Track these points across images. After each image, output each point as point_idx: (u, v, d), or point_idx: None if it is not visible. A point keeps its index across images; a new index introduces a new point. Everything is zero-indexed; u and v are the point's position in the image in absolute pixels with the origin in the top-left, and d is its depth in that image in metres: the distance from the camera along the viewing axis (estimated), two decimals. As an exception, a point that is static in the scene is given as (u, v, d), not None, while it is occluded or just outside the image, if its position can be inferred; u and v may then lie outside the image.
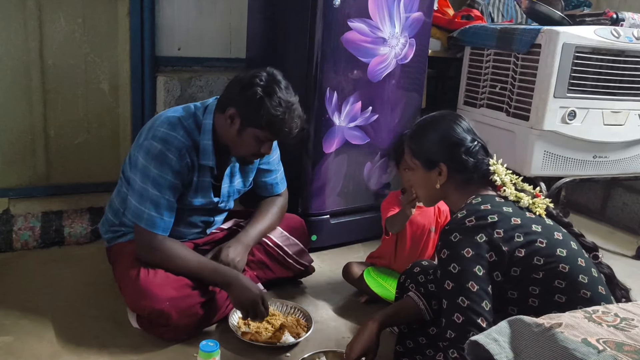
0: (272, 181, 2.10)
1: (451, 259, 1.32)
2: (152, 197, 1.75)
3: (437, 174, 1.50)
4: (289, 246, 2.10)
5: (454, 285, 1.31)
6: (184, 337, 1.77)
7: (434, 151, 1.51)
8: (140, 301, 1.72)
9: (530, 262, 1.31)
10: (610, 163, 2.59)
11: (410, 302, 1.67)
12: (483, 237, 1.32)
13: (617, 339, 0.89)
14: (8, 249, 2.33)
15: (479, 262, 1.30)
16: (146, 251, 1.78)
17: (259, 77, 1.73)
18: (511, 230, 1.33)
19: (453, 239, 1.33)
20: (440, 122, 1.53)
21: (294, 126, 1.77)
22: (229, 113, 1.76)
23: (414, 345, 1.70)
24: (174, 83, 2.64)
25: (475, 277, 1.29)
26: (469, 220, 1.35)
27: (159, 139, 1.75)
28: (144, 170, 1.75)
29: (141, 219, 1.76)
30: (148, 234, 1.76)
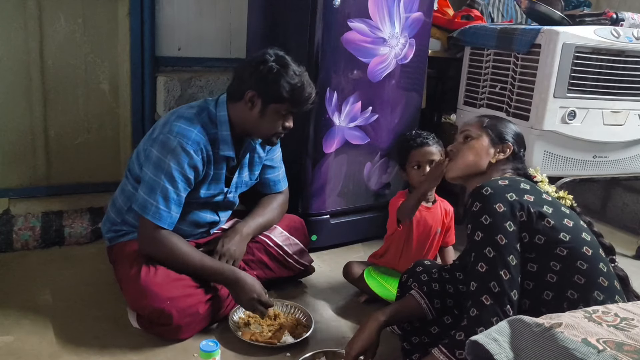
0: (274, 178, 2.11)
1: (483, 211, 1.36)
2: (162, 190, 1.74)
3: (497, 150, 1.57)
4: (289, 246, 2.10)
5: (483, 236, 1.35)
6: (185, 337, 1.77)
7: (507, 132, 1.60)
8: (141, 300, 1.72)
9: (556, 237, 1.35)
10: (610, 163, 2.59)
11: (412, 300, 1.67)
12: (514, 196, 1.37)
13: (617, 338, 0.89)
14: (8, 249, 2.33)
15: (509, 217, 1.34)
16: (149, 244, 1.78)
17: (268, 55, 1.79)
18: (541, 201, 1.39)
19: (485, 193, 1.38)
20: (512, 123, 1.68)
21: (312, 92, 1.83)
22: (249, 96, 1.79)
23: (419, 341, 1.70)
24: (174, 83, 2.64)
25: (505, 231, 1.34)
26: (502, 182, 1.41)
27: (176, 133, 1.76)
28: (158, 163, 1.75)
29: (148, 210, 1.75)
30: (153, 226, 1.75)
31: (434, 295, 1.66)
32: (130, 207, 1.91)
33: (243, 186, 2.04)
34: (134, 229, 1.93)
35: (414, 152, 2.13)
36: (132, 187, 1.91)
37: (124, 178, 1.97)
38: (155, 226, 1.75)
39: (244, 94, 1.80)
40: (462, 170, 1.61)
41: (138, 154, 1.89)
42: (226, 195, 1.97)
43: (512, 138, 1.60)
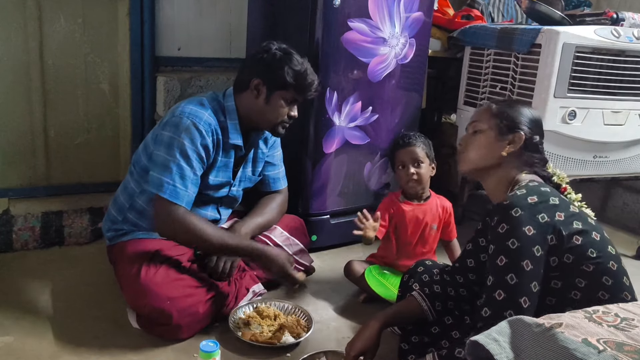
0: (274, 176, 2.12)
1: (510, 234, 1.28)
2: (178, 168, 1.73)
3: (508, 141, 1.46)
4: (289, 246, 2.11)
5: (507, 262, 1.27)
6: (184, 337, 1.77)
7: (519, 119, 1.48)
8: (141, 300, 1.72)
9: (585, 252, 1.28)
10: (610, 163, 2.59)
11: (413, 302, 1.67)
12: (545, 217, 1.28)
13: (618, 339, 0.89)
14: (8, 249, 2.33)
15: (539, 242, 1.27)
16: (168, 224, 1.75)
17: (271, 44, 1.86)
18: (570, 217, 1.31)
19: (514, 214, 1.28)
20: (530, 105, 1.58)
21: (315, 79, 1.88)
22: (254, 84, 1.83)
23: (419, 341, 1.70)
24: (174, 83, 2.64)
25: (533, 257, 1.26)
26: (531, 198, 1.31)
27: (187, 114, 1.77)
28: (171, 142, 1.75)
29: (164, 189, 1.72)
30: (170, 205, 1.73)
31: (436, 297, 1.66)
32: (132, 205, 1.91)
33: (246, 181, 2.04)
34: (134, 228, 1.93)
35: (399, 152, 2.16)
36: (135, 183, 1.91)
37: (128, 175, 1.97)
38: (172, 205, 1.73)
39: (249, 82, 1.84)
40: (471, 165, 1.55)
41: (146, 145, 1.89)
42: (230, 188, 1.97)
43: (525, 125, 1.48)
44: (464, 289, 1.64)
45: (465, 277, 1.62)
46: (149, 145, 1.87)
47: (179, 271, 1.81)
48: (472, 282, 1.64)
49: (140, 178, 1.90)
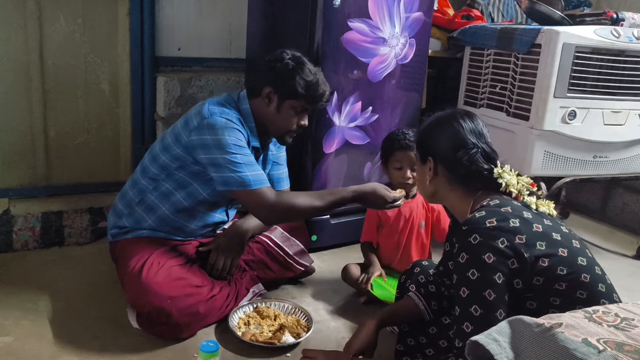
0: (278, 175, 2.12)
1: (470, 264, 1.26)
2: (241, 160, 1.77)
3: (427, 168, 1.47)
4: (290, 247, 2.11)
5: (470, 293, 1.25)
6: (184, 336, 1.78)
7: (427, 144, 1.48)
8: (142, 297, 1.72)
9: (554, 272, 1.25)
10: (610, 163, 2.59)
11: (410, 302, 1.67)
12: (505, 241, 1.24)
13: (618, 339, 0.89)
14: (8, 249, 2.33)
15: (499, 268, 1.23)
16: (271, 210, 1.78)
17: (284, 53, 1.87)
18: (533, 238, 1.27)
19: (472, 241, 1.26)
20: (446, 118, 1.49)
21: (326, 89, 1.89)
22: (266, 92, 1.86)
23: (415, 343, 1.70)
24: (174, 83, 2.64)
25: (494, 285, 1.23)
26: (489, 222, 1.27)
27: (218, 115, 1.80)
28: (219, 143, 1.76)
29: (247, 182, 1.75)
30: (261, 193, 1.76)
31: (431, 297, 1.66)
32: (142, 199, 1.92)
33: None
34: (138, 225, 1.93)
35: (398, 152, 2.12)
36: (149, 179, 1.92)
37: (138, 173, 1.96)
38: (263, 191, 1.76)
39: (261, 89, 1.87)
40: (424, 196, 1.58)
41: (167, 146, 1.88)
42: None
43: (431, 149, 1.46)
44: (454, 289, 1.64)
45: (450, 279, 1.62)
46: (171, 147, 1.86)
47: (180, 271, 1.81)
48: None
49: (158, 175, 1.90)
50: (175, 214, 1.93)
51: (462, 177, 1.42)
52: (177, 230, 1.96)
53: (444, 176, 1.45)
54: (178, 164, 1.86)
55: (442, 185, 1.47)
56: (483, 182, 1.42)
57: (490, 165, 1.42)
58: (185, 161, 1.84)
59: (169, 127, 2.64)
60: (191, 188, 1.89)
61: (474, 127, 1.45)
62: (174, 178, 1.88)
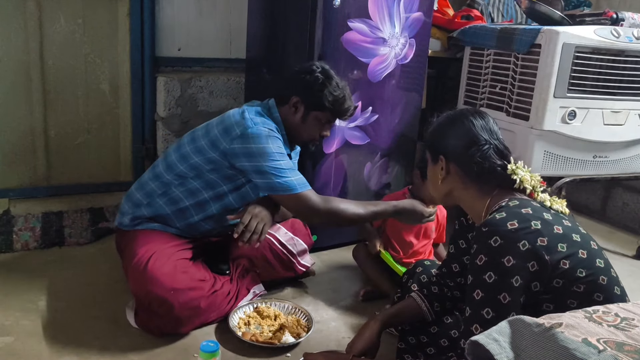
0: None
1: (488, 267, 1.22)
2: (285, 166, 1.84)
3: (440, 168, 1.44)
4: (293, 246, 2.12)
5: (484, 296, 1.23)
6: (183, 331, 1.79)
7: (438, 143, 1.45)
8: (146, 286, 1.73)
9: (574, 274, 1.22)
10: (610, 163, 2.59)
11: (412, 303, 1.67)
12: (526, 244, 1.20)
13: (618, 338, 0.89)
14: (8, 249, 2.33)
15: (518, 272, 1.20)
16: (314, 212, 1.84)
17: (314, 66, 1.95)
18: (554, 240, 1.23)
19: (493, 244, 1.22)
20: (456, 116, 1.46)
21: (352, 104, 1.98)
22: (293, 102, 1.94)
23: (416, 342, 1.71)
24: (174, 83, 2.64)
25: (511, 288, 1.20)
26: (510, 224, 1.23)
27: (260, 124, 1.86)
28: (264, 152, 1.82)
29: (292, 187, 1.82)
30: (307, 196, 1.83)
31: (434, 298, 1.66)
32: (164, 192, 1.93)
33: None
34: (154, 216, 1.94)
35: None
36: (174, 176, 1.92)
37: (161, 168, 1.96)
38: (309, 195, 1.83)
39: (289, 99, 1.94)
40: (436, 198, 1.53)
41: (200, 149, 1.88)
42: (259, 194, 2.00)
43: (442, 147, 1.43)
44: (457, 291, 1.64)
45: (454, 280, 1.63)
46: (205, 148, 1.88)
47: (185, 264, 1.84)
48: (462, 285, 1.64)
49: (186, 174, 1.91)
50: (196, 210, 1.95)
51: (475, 175, 1.39)
52: (190, 227, 1.97)
53: (456, 175, 1.42)
54: (212, 167, 1.89)
55: (456, 185, 1.43)
56: (497, 180, 1.38)
57: (504, 162, 1.39)
58: (221, 165, 1.88)
59: (169, 127, 2.67)
60: (220, 190, 1.93)
61: (485, 124, 1.43)
62: (205, 179, 1.91)
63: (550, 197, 1.38)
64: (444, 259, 1.67)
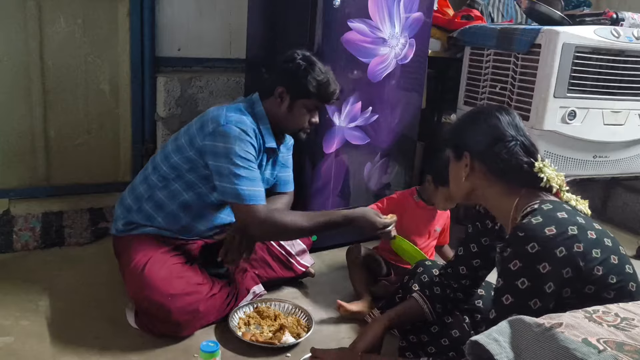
0: (284, 178, 2.13)
1: (523, 273, 1.19)
2: (244, 173, 1.78)
3: (464, 164, 1.39)
4: (292, 246, 2.12)
5: (513, 301, 1.21)
6: (184, 334, 1.78)
7: (462, 139, 1.41)
8: (142, 292, 1.73)
9: (605, 281, 1.20)
10: (610, 163, 2.59)
11: (414, 304, 1.68)
12: (563, 250, 1.18)
13: (618, 338, 0.89)
14: (8, 249, 2.33)
15: (552, 278, 1.18)
16: (257, 226, 1.79)
17: (295, 53, 1.91)
18: (589, 246, 1.21)
19: (530, 250, 1.19)
20: (481, 112, 1.43)
21: (337, 88, 1.93)
22: (278, 92, 1.89)
23: (417, 340, 1.71)
24: (174, 83, 2.64)
25: (542, 294, 1.18)
26: (548, 229, 1.20)
27: (234, 122, 1.81)
28: (228, 151, 1.78)
29: (243, 197, 1.77)
30: (253, 209, 1.78)
31: (436, 299, 1.66)
32: (150, 196, 1.93)
33: (265, 183, 2.04)
34: (145, 221, 1.93)
35: None
36: (159, 177, 1.92)
37: (149, 169, 1.96)
38: (255, 207, 1.78)
39: (273, 89, 1.90)
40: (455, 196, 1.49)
41: (180, 148, 1.89)
42: None
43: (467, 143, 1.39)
44: (460, 293, 1.64)
45: (459, 282, 1.63)
46: (184, 149, 1.87)
47: (182, 269, 1.82)
48: (467, 286, 1.64)
49: (168, 174, 1.90)
50: (183, 213, 1.93)
51: (501, 172, 1.35)
52: (183, 229, 1.96)
53: (481, 172, 1.38)
54: (189, 166, 1.87)
55: (480, 182, 1.39)
56: (523, 177, 1.35)
57: (530, 159, 1.35)
58: (197, 164, 1.86)
59: (169, 127, 2.67)
60: (199, 190, 1.90)
61: (512, 120, 1.38)
62: (184, 179, 1.89)
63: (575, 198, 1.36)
64: (451, 260, 1.66)
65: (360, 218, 1.87)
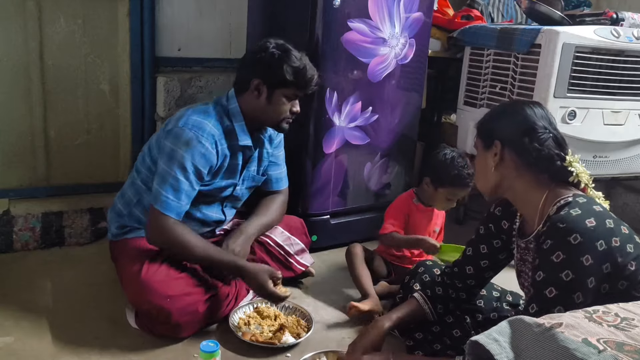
0: (276, 176, 2.12)
1: (566, 265, 1.19)
2: (173, 180, 1.75)
3: (493, 154, 1.38)
4: (290, 246, 2.12)
5: (557, 294, 1.20)
6: (184, 336, 1.78)
7: (493, 128, 1.39)
8: (141, 296, 1.73)
9: (637, 277, 1.20)
10: (610, 163, 2.59)
11: (415, 304, 1.68)
12: (603, 244, 1.18)
13: (618, 338, 0.89)
14: (8, 249, 2.33)
15: (593, 273, 1.17)
16: (156, 233, 1.78)
17: (267, 42, 1.86)
18: (625, 240, 1.21)
19: (572, 241, 1.18)
20: (514, 104, 1.42)
21: (314, 73, 1.88)
22: (254, 84, 1.84)
23: (423, 337, 1.71)
24: (174, 83, 2.64)
25: (585, 288, 1.17)
26: (589, 221, 1.20)
27: (191, 126, 1.78)
28: (171, 154, 1.76)
29: (157, 200, 1.76)
30: (161, 215, 1.75)
31: (437, 299, 1.66)
32: (139, 200, 1.92)
33: (250, 180, 2.04)
34: (138, 225, 1.93)
35: (457, 189, 2.08)
36: (141, 181, 1.92)
37: (134, 172, 1.97)
38: (162, 215, 1.75)
39: (249, 83, 1.85)
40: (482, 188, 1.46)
41: (150, 147, 1.90)
42: (235, 188, 1.98)
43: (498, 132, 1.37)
44: (463, 293, 1.64)
45: (464, 282, 1.63)
46: (154, 148, 1.88)
47: (180, 270, 1.82)
48: (472, 286, 1.64)
49: (147, 177, 1.90)
50: None
51: (531, 163, 1.34)
52: None
53: (511, 161, 1.36)
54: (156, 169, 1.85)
55: (509, 172, 1.37)
56: (553, 170, 1.34)
57: (561, 152, 1.36)
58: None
59: (169, 127, 2.67)
60: None
61: (544, 114, 1.39)
62: None
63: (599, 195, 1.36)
64: (457, 260, 1.66)
65: (251, 274, 1.79)
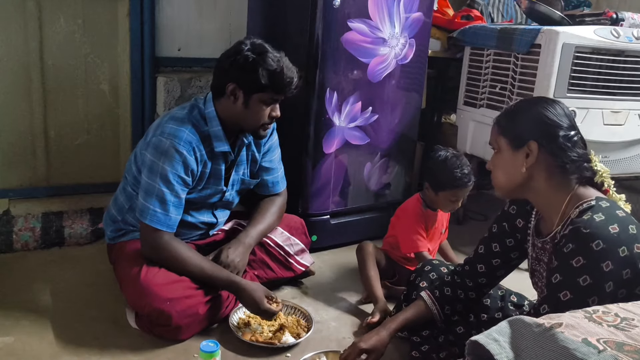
0: (272, 179, 2.11)
1: (585, 270, 1.18)
2: (158, 193, 1.74)
3: (524, 154, 1.33)
4: (290, 246, 2.11)
5: (572, 298, 1.19)
6: (184, 338, 1.77)
7: (525, 127, 1.33)
8: (141, 300, 1.72)
9: None
10: (610, 163, 2.58)
11: (422, 306, 1.68)
12: (625, 250, 1.17)
13: (618, 338, 0.89)
14: (8, 249, 2.33)
15: (612, 278, 1.16)
16: (150, 249, 1.78)
17: (243, 45, 1.77)
18: None
19: (595, 247, 1.17)
20: (538, 100, 1.38)
21: (293, 75, 1.78)
22: (230, 89, 1.77)
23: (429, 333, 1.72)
24: (174, 84, 2.64)
25: (602, 293, 1.17)
26: (612, 228, 1.19)
27: (167, 135, 1.75)
28: (152, 166, 1.75)
29: (146, 215, 1.75)
30: (152, 231, 1.75)
31: (446, 300, 1.66)
32: (131, 206, 1.92)
33: (239, 184, 2.02)
34: (132, 227, 1.93)
35: (460, 190, 2.07)
36: (131, 188, 1.92)
37: (124, 177, 1.97)
38: (154, 230, 1.75)
39: (224, 88, 1.78)
40: (502, 188, 1.41)
41: (135, 156, 1.89)
42: (224, 194, 1.96)
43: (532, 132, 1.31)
44: (473, 292, 1.64)
45: (474, 281, 1.62)
46: (138, 158, 1.86)
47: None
48: (482, 285, 1.64)
49: (133, 185, 1.90)
50: None
51: (565, 164, 1.31)
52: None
53: (545, 162, 1.32)
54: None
55: (539, 174, 1.33)
56: (581, 171, 1.32)
57: (586, 152, 1.33)
58: None
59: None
60: None
61: (568, 112, 1.35)
62: None
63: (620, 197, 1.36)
64: (468, 258, 1.66)
65: (247, 291, 1.76)
